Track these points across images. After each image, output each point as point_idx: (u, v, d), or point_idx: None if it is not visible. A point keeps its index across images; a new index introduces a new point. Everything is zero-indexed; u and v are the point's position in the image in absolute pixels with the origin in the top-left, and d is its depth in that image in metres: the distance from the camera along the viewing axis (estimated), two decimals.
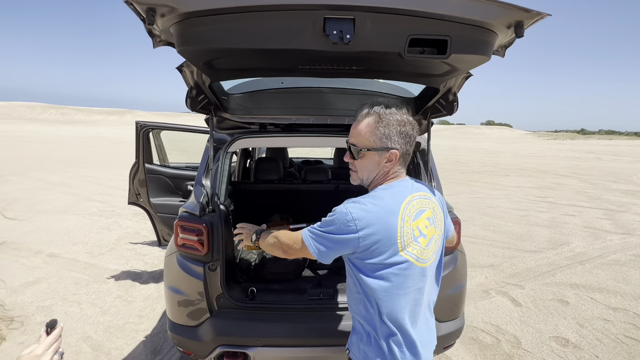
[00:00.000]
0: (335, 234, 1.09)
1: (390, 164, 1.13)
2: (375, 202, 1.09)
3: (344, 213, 1.07)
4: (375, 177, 1.17)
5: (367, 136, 1.12)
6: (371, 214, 1.07)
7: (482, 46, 1.16)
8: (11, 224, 5.53)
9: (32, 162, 12.54)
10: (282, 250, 1.26)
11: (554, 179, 11.98)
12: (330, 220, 1.11)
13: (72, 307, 3.20)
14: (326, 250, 1.12)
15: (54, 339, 0.85)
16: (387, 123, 1.10)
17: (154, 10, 1.06)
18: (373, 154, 1.12)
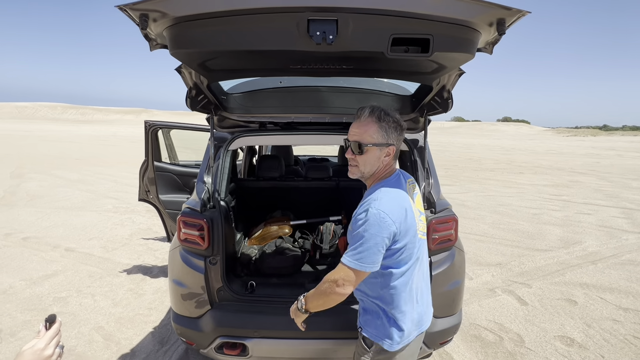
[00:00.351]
0: (379, 235, 1.17)
1: (388, 158, 1.29)
2: (390, 195, 1.24)
3: (375, 214, 1.17)
4: (375, 171, 1.31)
5: (371, 134, 1.25)
6: (395, 205, 1.22)
7: (464, 44, 1.18)
8: (32, 220, 5.79)
9: (53, 160, 13.04)
10: (338, 292, 1.23)
11: (571, 177, 11.64)
12: (363, 229, 1.18)
13: (86, 298, 3.35)
14: (378, 255, 1.20)
15: (54, 333, 0.87)
16: (387, 122, 1.25)
17: (147, 15, 1.12)
18: (375, 149, 1.26)
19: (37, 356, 0.82)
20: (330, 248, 2.51)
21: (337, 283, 1.22)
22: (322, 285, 1.27)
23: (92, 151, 16.75)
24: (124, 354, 2.58)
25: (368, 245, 1.17)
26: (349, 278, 1.21)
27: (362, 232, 1.18)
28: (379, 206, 1.19)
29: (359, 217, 1.21)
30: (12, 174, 9.90)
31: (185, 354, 2.57)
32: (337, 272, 1.23)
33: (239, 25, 1.14)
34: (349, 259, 1.20)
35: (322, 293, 1.27)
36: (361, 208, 1.24)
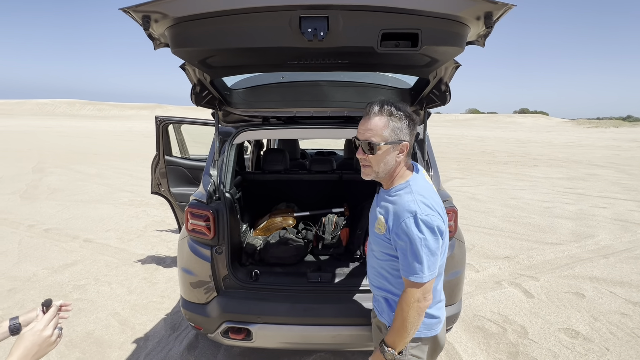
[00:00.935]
0: (436, 238, 1.17)
1: (402, 155, 1.25)
2: (426, 193, 1.23)
3: (425, 220, 1.15)
4: (389, 170, 1.26)
5: (383, 132, 1.20)
6: (435, 202, 1.22)
7: (453, 38, 1.20)
8: (53, 212, 6.06)
9: (72, 155, 13.50)
10: (425, 307, 1.21)
11: (587, 170, 11.32)
12: (421, 239, 1.15)
13: (103, 286, 3.53)
14: (438, 256, 1.20)
15: (51, 316, 0.92)
16: (399, 117, 1.21)
17: (149, 17, 1.18)
18: (388, 147, 1.22)
19: (37, 337, 0.87)
20: (332, 239, 2.57)
21: (420, 300, 1.18)
22: (405, 315, 1.19)
23: (109, 146, 17.24)
24: (138, 338, 2.72)
25: (430, 252, 1.16)
26: (428, 289, 1.20)
27: (420, 242, 1.15)
28: (425, 210, 1.16)
29: (408, 225, 1.16)
30: (34, 169, 10.33)
31: (195, 339, 2.69)
32: (413, 293, 1.18)
33: (234, 24, 1.19)
34: (425, 274, 1.16)
35: (410, 321, 1.19)
36: (404, 215, 1.18)
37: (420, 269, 1.16)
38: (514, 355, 2.54)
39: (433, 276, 1.19)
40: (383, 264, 1.33)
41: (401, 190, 1.25)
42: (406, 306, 1.19)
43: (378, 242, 1.31)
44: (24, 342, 0.86)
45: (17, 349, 0.84)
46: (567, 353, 2.56)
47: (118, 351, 2.57)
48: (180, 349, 2.57)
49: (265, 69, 1.76)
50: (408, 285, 1.20)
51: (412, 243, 1.16)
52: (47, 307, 0.95)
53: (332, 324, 1.93)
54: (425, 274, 1.17)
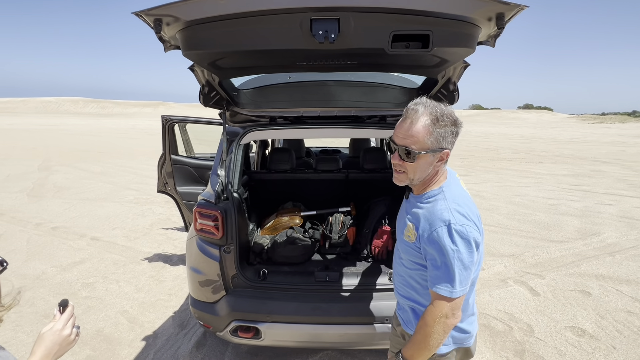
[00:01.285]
0: (471, 250, 1.09)
1: (440, 163, 1.15)
2: (461, 201, 1.15)
3: (460, 230, 1.07)
4: (425, 177, 1.17)
5: (425, 139, 1.09)
6: (471, 210, 1.14)
7: (464, 39, 1.20)
8: (60, 210, 6.12)
9: (76, 153, 13.58)
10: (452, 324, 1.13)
11: (593, 166, 11.24)
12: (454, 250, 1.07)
13: (111, 284, 3.57)
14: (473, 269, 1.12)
15: (69, 315, 0.95)
16: (445, 124, 1.09)
17: (160, 20, 1.19)
18: (428, 155, 1.11)
19: (57, 336, 0.89)
20: (339, 238, 2.58)
21: (448, 316, 1.10)
22: (429, 330, 1.10)
23: (113, 144, 17.32)
24: (147, 335, 2.76)
25: (463, 265, 1.07)
26: (458, 305, 1.11)
27: (453, 254, 1.07)
28: (459, 220, 1.08)
29: (440, 235, 1.08)
30: (40, 167, 10.41)
31: (204, 336, 2.72)
32: (441, 307, 1.09)
33: (245, 27, 1.20)
34: (456, 289, 1.08)
35: (434, 337, 1.10)
36: (436, 224, 1.09)
37: (451, 282, 1.08)
38: (520, 354, 2.55)
39: (464, 292, 1.10)
40: (412, 273, 1.25)
41: (434, 196, 1.17)
42: (431, 320, 1.10)
43: (407, 251, 1.23)
44: (45, 342, 0.88)
45: (39, 349, 0.86)
46: (573, 351, 2.57)
47: (128, 349, 2.60)
48: (188, 347, 2.61)
49: (274, 70, 1.77)
50: (436, 297, 1.11)
51: (444, 254, 1.08)
52: (64, 307, 0.97)
53: (340, 322, 1.95)
54: (456, 289, 1.08)
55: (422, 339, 1.12)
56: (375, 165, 3.09)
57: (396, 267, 1.38)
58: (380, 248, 2.49)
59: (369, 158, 3.11)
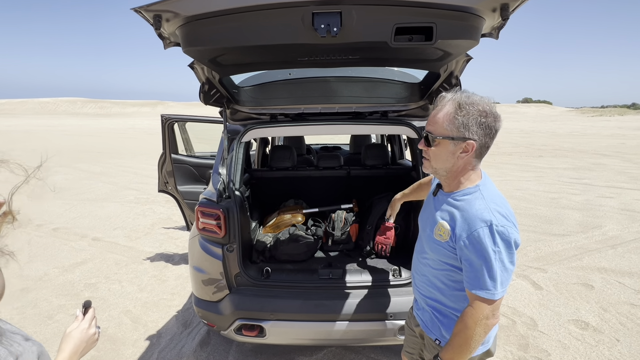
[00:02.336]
0: (512, 252, 1.07)
1: (465, 154, 1.11)
2: (500, 203, 1.11)
3: (502, 231, 1.04)
4: (450, 168, 1.15)
5: (444, 124, 1.09)
6: (509, 211, 1.10)
7: (468, 30, 1.18)
8: (61, 211, 6.11)
9: (76, 154, 13.55)
10: (492, 325, 1.11)
11: (593, 159, 11.23)
12: (496, 252, 1.05)
13: (114, 284, 3.56)
14: (511, 274, 1.10)
15: (92, 316, 0.99)
16: (467, 112, 1.06)
17: (160, 16, 1.17)
18: (448, 142, 1.10)
19: (84, 334, 0.93)
20: (342, 235, 2.57)
21: (489, 317, 1.09)
22: (471, 333, 1.08)
23: (112, 144, 17.28)
24: (151, 335, 2.76)
25: (504, 267, 1.06)
26: (498, 306, 1.09)
27: (495, 255, 1.04)
28: (501, 221, 1.06)
29: (482, 236, 1.05)
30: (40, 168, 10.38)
31: (207, 335, 2.72)
32: (482, 309, 1.07)
33: (246, 22, 1.18)
34: (498, 291, 1.06)
35: (475, 339, 1.09)
36: (476, 224, 1.06)
37: (492, 285, 1.06)
38: (524, 347, 2.55)
39: (505, 293, 1.09)
40: (438, 274, 1.22)
41: (470, 195, 1.14)
42: (473, 323, 1.08)
43: (437, 250, 1.19)
44: (73, 340, 0.91)
45: (68, 346, 0.90)
46: (577, 344, 2.57)
47: (132, 348, 2.60)
48: (192, 346, 2.61)
49: (276, 66, 1.75)
50: (476, 299, 1.09)
51: (486, 256, 1.05)
52: (87, 308, 1.01)
53: (344, 319, 1.95)
54: (497, 291, 1.06)
55: (463, 342, 1.10)
56: (377, 161, 3.08)
57: (418, 266, 1.33)
58: (384, 244, 2.48)
59: (370, 154, 3.09)
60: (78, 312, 0.99)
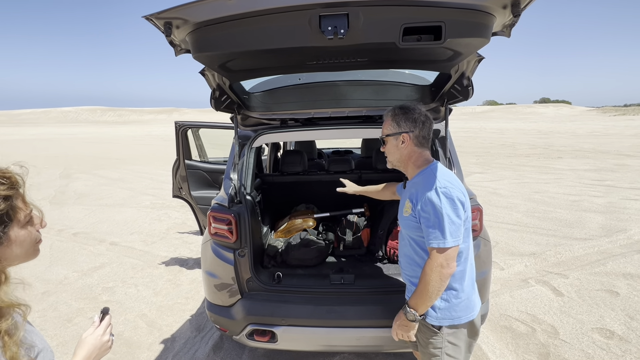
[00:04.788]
0: (457, 208, 1.29)
1: (404, 145, 1.43)
2: (443, 171, 1.38)
3: (445, 192, 1.29)
4: (399, 158, 1.47)
5: (386, 127, 1.47)
6: (452, 177, 1.38)
7: (478, 29, 1.15)
8: (80, 217, 6.30)
9: (95, 160, 13.99)
10: (448, 274, 1.30)
11: (616, 160, 10.81)
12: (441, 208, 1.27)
13: (130, 288, 3.63)
14: (461, 227, 1.31)
15: (108, 323, 1.01)
16: (399, 113, 1.43)
17: (170, 23, 1.20)
18: (391, 139, 1.45)
19: (98, 341, 0.95)
20: (354, 240, 2.54)
21: (443, 266, 1.27)
22: (428, 279, 1.29)
23: (130, 151, 17.76)
24: (165, 339, 2.79)
25: (451, 220, 1.27)
26: (451, 255, 1.28)
27: (441, 209, 1.27)
28: (444, 184, 1.31)
29: (430, 197, 1.29)
30: (61, 175, 10.76)
31: (220, 340, 2.73)
32: (436, 257, 1.28)
33: (255, 26, 1.19)
34: (448, 240, 1.26)
35: (432, 285, 1.29)
36: (426, 191, 1.31)
37: (442, 234, 1.26)
38: (545, 357, 2.45)
39: (456, 243, 1.28)
40: (415, 251, 1.43)
41: (423, 174, 1.41)
42: (429, 270, 1.28)
43: (407, 225, 1.42)
44: (87, 346, 0.93)
45: (81, 351, 0.92)
46: (602, 354, 2.45)
47: (147, 352, 2.64)
48: (206, 350, 2.62)
49: (284, 71, 1.76)
50: (431, 251, 1.30)
51: (435, 212, 1.28)
52: (105, 315, 1.02)
53: (356, 326, 1.92)
54: (447, 240, 1.26)
55: (423, 289, 1.31)
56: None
57: (402, 248, 1.55)
58: (396, 249, 2.45)
59: (382, 158, 3.04)
60: (95, 317, 1.01)
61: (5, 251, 0.79)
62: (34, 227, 0.86)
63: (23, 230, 0.82)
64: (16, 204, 0.80)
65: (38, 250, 0.88)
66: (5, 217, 0.77)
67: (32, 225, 0.85)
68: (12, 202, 0.79)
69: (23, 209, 0.82)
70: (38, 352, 0.79)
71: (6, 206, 0.77)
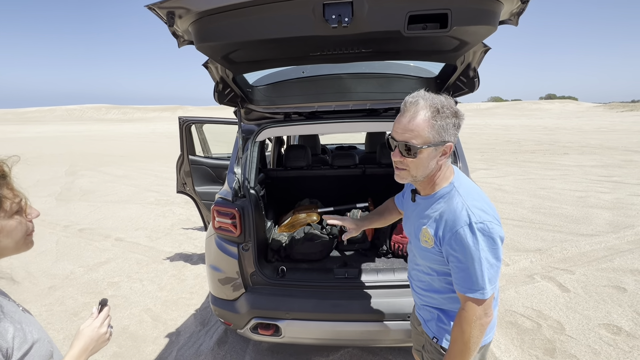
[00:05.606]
0: (496, 247, 1.04)
1: (444, 157, 1.10)
2: (478, 197, 1.10)
3: (482, 228, 1.02)
4: (429, 173, 1.11)
5: (425, 132, 1.03)
6: (488, 205, 1.08)
7: (485, 16, 1.13)
8: (86, 213, 6.35)
9: (100, 158, 14.08)
10: (486, 323, 1.08)
11: (624, 156, 10.67)
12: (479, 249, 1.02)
13: (135, 283, 3.66)
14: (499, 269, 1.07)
15: (106, 315, 0.99)
16: (445, 116, 1.04)
17: (173, 12, 1.19)
18: (430, 149, 1.06)
19: (95, 333, 0.94)
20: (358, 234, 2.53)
21: (482, 317, 1.06)
22: (467, 336, 1.06)
23: (134, 148, 17.85)
24: (170, 332, 2.81)
25: (490, 264, 1.03)
26: (489, 304, 1.07)
27: (479, 256, 1.02)
28: (480, 216, 1.03)
29: (463, 235, 1.03)
30: (67, 172, 10.84)
31: (225, 334, 2.74)
32: (474, 310, 1.05)
33: (258, 15, 1.18)
34: (487, 290, 1.04)
35: (473, 341, 1.06)
36: (457, 224, 1.04)
37: (481, 284, 1.03)
38: (551, 352, 2.43)
39: (495, 290, 1.06)
40: (432, 280, 1.20)
41: (446, 194, 1.12)
42: (467, 326, 1.05)
43: (426, 257, 1.17)
44: (83, 337, 0.92)
45: (78, 343, 0.91)
46: (609, 350, 2.43)
47: (152, 345, 2.65)
48: (210, 344, 2.63)
49: (288, 63, 1.74)
50: (466, 301, 1.06)
51: (470, 256, 1.03)
52: (103, 306, 1.01)
53: (360, 319, 1.91)
54: (486, 290, 1.04)
55: (463, 347, 1.07)
56: None
57: (413, 273, 1.32)
58: (400, 243, 2.43)
59: (386, 152, 3.05)
60: (94, 309, 1.00)
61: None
62: (24, 217, 0.81)
63: (11, 220, 0.78)
64: (1, 192, 0.75)
65: (31, 242, 0.85)
66: None
67: (21, 215, 0.80)
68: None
69: (10, 198, 0.77)
70: (32, 345, 0.77)
71: None
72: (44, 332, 0.84)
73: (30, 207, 0.83)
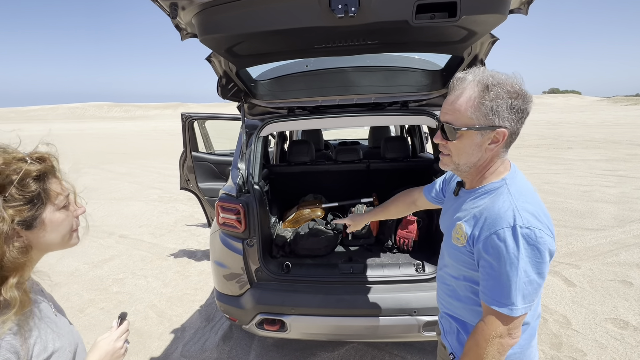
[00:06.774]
0: (542, 260, 0.86)
1: (494, 145, 0.92)
2: (529, 198, 0.91)
3: (528, 234, 0.84)
4: (476, 162, 0.96)
5: (468, 112, 0.90)
6: (542, 211, 0.90)
7: (495, 4, 1.10)
8: (90, 210, 6.33)
9: (103, 155, 14.12)
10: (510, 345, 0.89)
11: (628, 150, 10.58)
12: (519, 258, 0.84)
13: (140, 280, 3.67)
14: (540, 288, 0.88)
15: (124, 329, 0.98)
16: (496, 95, 0.87)
17: (176, 4, 1.17)
18: (474, 133, 0.91)
19: (111, 347, 0.93)
20: (363, 229, 2.52)
21: (503, 336, 0.88)
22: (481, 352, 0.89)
23: (136, 145, 17.88)
24: (175, 328, 2.81)
25: (529, 279, 0.85)
26: (517, 325, 0.88)
27: (516, 264, 0.84)
28: (529, 221, 0.85)
29: (503, 238, 0.86)
30: (70, 170, 10.77)
31: (230, 329, 2.75)
32: (495, 326, 0.88)
33: (262, 6, 1.16)
34: (518, 306, 0.86)
35: (484, 357, 0.89)
36: (497, 224, 0.87)
37: (512, 299, 0.85)
38: (557, 347, 2.42)
39: (527, 310, 0.87)
40: (459, 285, 1.04)
41: (494, 190, 0.95)
42: (484, 341, 0.89)
43: (455, 257, 1.01)
44: (99, 350, 0.91)
45: (93, 356, 0.90)
46: (616, 344, 2.41)
47: (157, 341, 2.66)
48: (215, 340, 2.64)
49: (292, 55, 1.72)
50: (490, 313, 0.89)
51: (503, 261, 0.86)
52: (122, 320, 1.00)
53: (365, 314, 1.90)
54: (517, 306, 0.85)
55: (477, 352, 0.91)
56: (397, 154, 3.00)
57: (440, 273, 1.17)
58: (405, 238, 2.42)
59: (390, 147, 3.02)
60: (114, 322, 0.99)
61: (37, 236, 0.73)
62: (71, 212, 0.81)
63: (59, 213, 0.77)
64: (50, 185, 0.74)
65: (77, 237, 0.84)
66: (37, 198, 0.72)
67: (68, 209, 0.80)
68: (46, 183, 0.73)
69: (59, 191, 0.76)
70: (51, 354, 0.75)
71: (38, 187, 0.72)
72: (67, 340, 0.81)
73: (77, 202, 0.83)
